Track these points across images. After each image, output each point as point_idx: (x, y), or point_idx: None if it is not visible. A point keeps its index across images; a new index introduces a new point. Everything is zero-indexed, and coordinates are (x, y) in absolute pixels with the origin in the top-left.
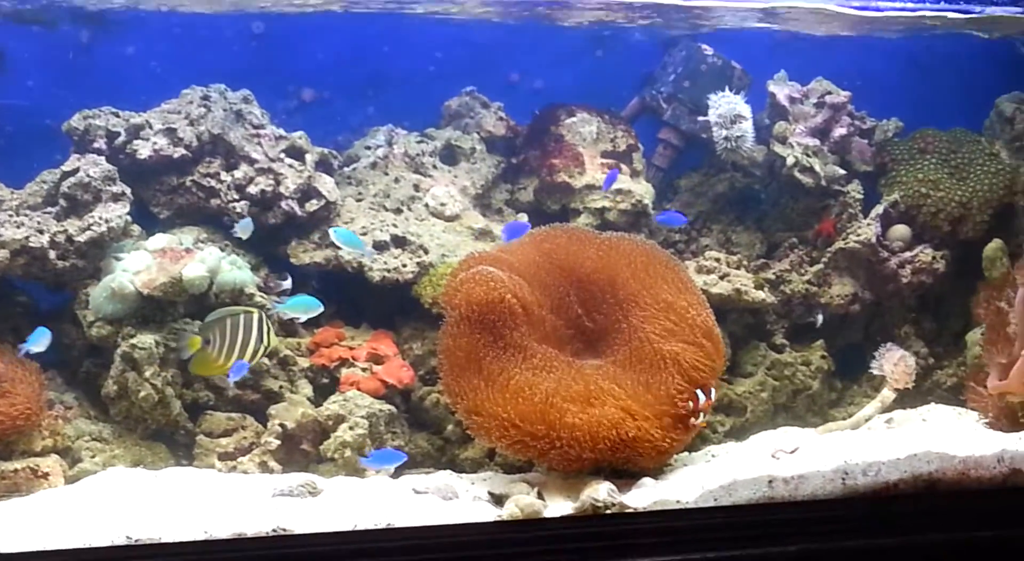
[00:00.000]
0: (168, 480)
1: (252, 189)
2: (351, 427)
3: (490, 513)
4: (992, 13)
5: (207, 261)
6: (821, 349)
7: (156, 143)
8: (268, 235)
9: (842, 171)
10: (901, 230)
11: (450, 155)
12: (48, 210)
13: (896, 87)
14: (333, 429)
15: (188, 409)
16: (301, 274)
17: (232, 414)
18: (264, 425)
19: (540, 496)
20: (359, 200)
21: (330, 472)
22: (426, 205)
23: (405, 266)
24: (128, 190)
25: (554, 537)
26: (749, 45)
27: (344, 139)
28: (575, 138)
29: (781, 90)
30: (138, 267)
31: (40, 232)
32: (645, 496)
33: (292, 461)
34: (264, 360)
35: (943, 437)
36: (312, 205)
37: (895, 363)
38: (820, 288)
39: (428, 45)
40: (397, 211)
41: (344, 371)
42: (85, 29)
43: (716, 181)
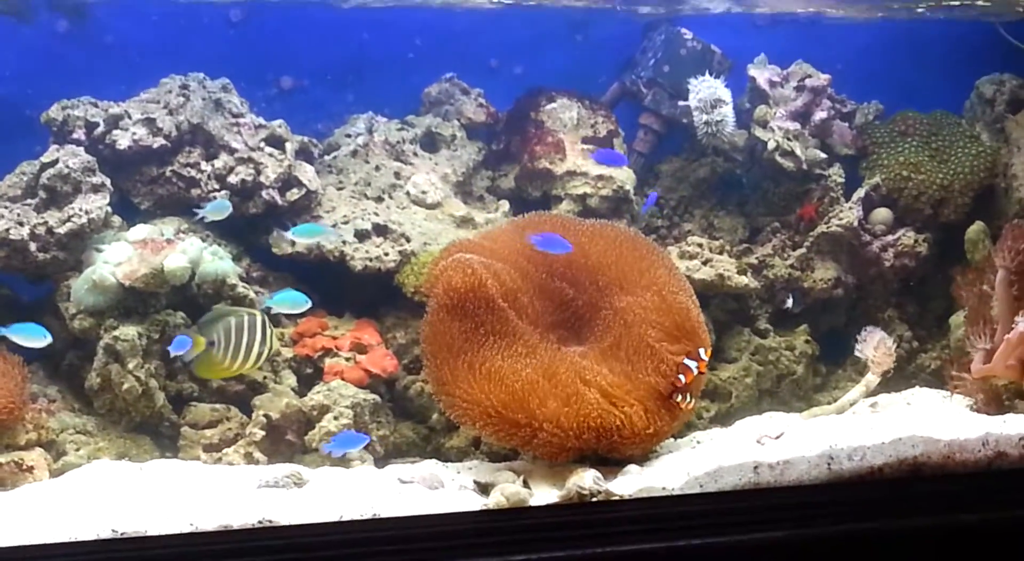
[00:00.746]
0: (153, 472)
1: (232, 179)
2: (336, 417)
3: (476, 502)
4: None
5: (188, 252)
6: (805, 334)
7: (135, 133)
8: (249, 225)
9: (823, 155)
10: (883, 213)
11: (431, 142)
12: (28, 202)
13: (876, 69)
14: (318, 419)
15: (172, 401)
16: (285, 265)
17: (216, 405)
18: (249, 416)
19: (526, 484)
20: (340, 189)
21: (315, 463)
22: (407, 193)
23: (387, 255)
24: (108, 181)
25: (540, 525)
26: (729, 28)
27: (324, 127)
28: (556, 124)
29: (761, 74)
30: (119, 258)
31: (20, 224)
32: (631, 483)
33: (277, 452)
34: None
35: (928, 421)
36: (293, 194)
37: (875, 346)
38: (803, 272)
39: (407, 31)
40: (378, 199)
41: (328, 361)
42: (63, 18)
43: (697, 166)
